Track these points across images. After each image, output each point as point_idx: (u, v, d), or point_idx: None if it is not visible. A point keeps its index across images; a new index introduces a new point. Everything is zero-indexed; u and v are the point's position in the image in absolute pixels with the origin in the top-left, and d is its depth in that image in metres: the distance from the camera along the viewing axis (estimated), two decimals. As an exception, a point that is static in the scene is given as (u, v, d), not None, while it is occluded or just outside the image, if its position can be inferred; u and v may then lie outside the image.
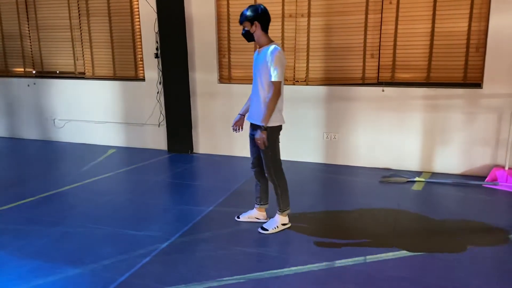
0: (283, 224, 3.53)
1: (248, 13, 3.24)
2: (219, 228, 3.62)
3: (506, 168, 4.54)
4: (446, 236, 3.42)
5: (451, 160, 4.87)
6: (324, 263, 3.03)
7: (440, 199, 4.21)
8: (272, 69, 3.17)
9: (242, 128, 3.62)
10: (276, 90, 3.18)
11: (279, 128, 3.37)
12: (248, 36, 3.31)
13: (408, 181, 4.65)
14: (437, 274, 2.88)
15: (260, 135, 3.22)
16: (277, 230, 3.49)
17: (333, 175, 4.99)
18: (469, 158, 4.80)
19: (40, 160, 5.87)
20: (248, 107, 3.58)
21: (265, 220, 3.65)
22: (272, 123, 3.27)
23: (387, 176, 4.79)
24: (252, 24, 3.23)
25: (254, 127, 3.41)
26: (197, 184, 4.77)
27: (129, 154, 5.98)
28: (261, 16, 3.23)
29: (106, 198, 4.34)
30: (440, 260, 3.06)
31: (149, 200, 4.28)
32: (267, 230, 3.48)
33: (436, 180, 4.65)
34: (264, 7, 3.28)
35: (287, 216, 3.57)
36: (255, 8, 3.26)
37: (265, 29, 3.27)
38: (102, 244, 3.36)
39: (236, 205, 4.11)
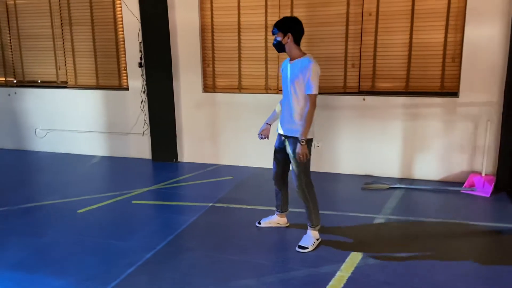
0: (317, 239, 3.45)
1: (282, 23, 3.26)
2: (204, 237, 3.65)
3: (483, 174, 4.69)
4: (427, 241, 3.51)
5: (430, 166, 5.00)
6: (309, 269, 3.08)
7: (420, 205, 4.32)
8: (308, 82, 3.17)
9: (268, 137, 3.61)
10: (313, 103, 3.21)
11: (311, 141, 3.36)
12: (279, 47, 3.32)
13: (389, 188, 4.76)
14: (419, 278, 2.96)
15: (300, 149, 3.20)
16: (315, 246, 3.40)
17: (316, 182, 5.04)
18: (448, 164, 4.94)
19: (20, 170, 5.78)
20: (274, 117, 3.60)
21: (286, 225, 3.75)
22: (307, 135, 3.27)
23: (369, 183, 4.89)
24: (285, 35, 3.25)
25: (285, 139, 3.39)
26: (182, 192, 4.77)
27: (113, 163, 5.94)
28: (294, 28, 3.26)
29: (89, 208, 4.31)
30: (421, 264, 3.14)
31: (133, 209, 4.27)
32: (307, 248, 3.36)
33: (416, 187, 4.77)
34: (298, 19, 3.30)
35: (318, 231, 3.49)
36: (289, 19, 3.29)
37: (297, 41, 3.29)
38: (86, 255, 3.35)
39: (222, 213, 4.14)
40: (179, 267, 3.13)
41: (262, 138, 3.60)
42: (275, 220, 3.76)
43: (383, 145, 5.11)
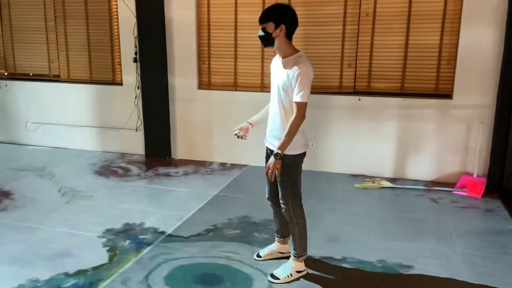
0: (298, 272, 2.92)
1: (275, 12, 2.64)
2: (199, 234, 3.64)
3: (475, 175, 4.76)
4: (419, 241, 3.55)
5: (423, 167, 5.05)
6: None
7: (412, 205, 4.36)
8: (297, 87, 2.59)
9: (246, 137, 2.95)
10: (300, 112, 2.60)
11: (303, 155, 2.79)
12: (267, 40, 2.68)
13: (382, 187, 4.80)
14: (413, 277, 2.99)
15: (272, 163, 2.60)
16: (290, 279, 2.87)
17: (310, 181, 5.07)
18: (440, 165, 5.00)
19: (11, 164, 5.68)
20: (258, 118, 3.03)
21: (289, 254, 3.05)
22: (296, 150, 2.70)
23: (362, 183, 4.93)
24: (277, 26, 2.62)
25: (271, 153, 2.76)
26: (176, 189, 4.75)
27: (106, 158, 5.88)
28: (289, 19, 2.65)
29: (83, 203, 4.27)
30: (415, 264, 3.18)
31: (127, 205, 4.24)
32: (278, 278, 2.87)
33: (409, 187, 4.82)
34: (293, 9, 2.68)
35: (303, 262, 2.95)
36: (283, 7, 2.67)
37: (290, 35, 2.69)
38: (82, 250, 3.32)
39: (216, 210, 4.13)
40: (174, 264, 3.13)
41: (238, 137, 2.93)
42: (276, 249, 3.18)
43: (377, 145, 5.15)
